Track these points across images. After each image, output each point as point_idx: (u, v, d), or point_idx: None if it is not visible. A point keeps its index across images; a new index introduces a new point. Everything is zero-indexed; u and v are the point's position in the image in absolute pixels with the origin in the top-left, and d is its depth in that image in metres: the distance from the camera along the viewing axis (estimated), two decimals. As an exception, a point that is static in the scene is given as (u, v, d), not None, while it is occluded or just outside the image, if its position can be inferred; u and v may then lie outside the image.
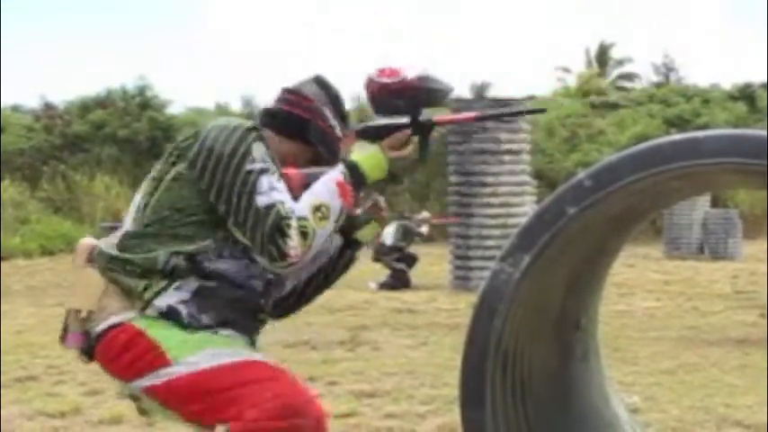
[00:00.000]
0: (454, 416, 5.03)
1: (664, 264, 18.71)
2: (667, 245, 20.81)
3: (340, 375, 7.71)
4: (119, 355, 2.88)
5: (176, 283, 2.88)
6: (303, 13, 69.17)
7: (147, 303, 2.88)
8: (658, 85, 37.38)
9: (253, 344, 3.05)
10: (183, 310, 2.88)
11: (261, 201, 2.77)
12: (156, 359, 2.84)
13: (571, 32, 67.77)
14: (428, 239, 17.00)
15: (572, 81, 42.77)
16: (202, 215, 2.88)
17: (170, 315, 2.88)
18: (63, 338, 3.01)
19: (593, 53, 45.68)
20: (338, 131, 3.13)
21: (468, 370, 3.16)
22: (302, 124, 3.08)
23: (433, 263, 16.90)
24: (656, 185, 3.12)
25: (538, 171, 18.60)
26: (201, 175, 2.84)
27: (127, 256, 2.90)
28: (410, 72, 2.96)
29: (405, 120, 2.97)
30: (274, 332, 10.00)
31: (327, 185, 2.88)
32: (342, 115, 3.16)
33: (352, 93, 17.64)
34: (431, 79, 2.97)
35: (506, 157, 14.24)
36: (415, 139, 3.01)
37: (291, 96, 3.12)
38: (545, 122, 27.26)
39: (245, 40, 66.24)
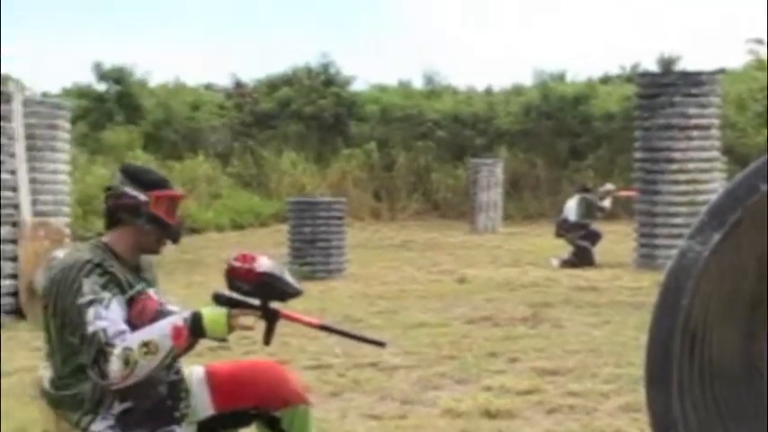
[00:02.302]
0: (638, 396, 4.96)
1: None
2: None
3: (522, 352, 7.70)
4: None
5: (102, 413, 3.30)
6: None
7: (85, 430, 3.32)
8: None
9: None
10: None
11: (88, 329, 3.16)
12: None
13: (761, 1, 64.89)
14: (612, 216, 16.64)
15: (764, 53, 41.02)
16: None
17: None
18: None
19: (788, 23, 43.68)
20: (142, 197, 3.40)
21: (654, 349, 3.11)
22: (116, 211, 3.41)
23: (618, 241, 16.59)
24: None
25: (728, 147, 17.94)
26: (55, 317, 3.26)
27: (60, 394, 3.34)
28: (262, 265, 3.28)
29: (256, 302, 3.30)
30: (455, 308, 10.13)
31: (162, 326, 3.22)
32: (143, 181, 3.43)
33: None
34: (276, 277, 3.28)
35: (695, 133, 13.82)
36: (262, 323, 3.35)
37: (107, 193, 3.46)
38: (736, 96, 26.28)
39: (424, 17, 66.44)
